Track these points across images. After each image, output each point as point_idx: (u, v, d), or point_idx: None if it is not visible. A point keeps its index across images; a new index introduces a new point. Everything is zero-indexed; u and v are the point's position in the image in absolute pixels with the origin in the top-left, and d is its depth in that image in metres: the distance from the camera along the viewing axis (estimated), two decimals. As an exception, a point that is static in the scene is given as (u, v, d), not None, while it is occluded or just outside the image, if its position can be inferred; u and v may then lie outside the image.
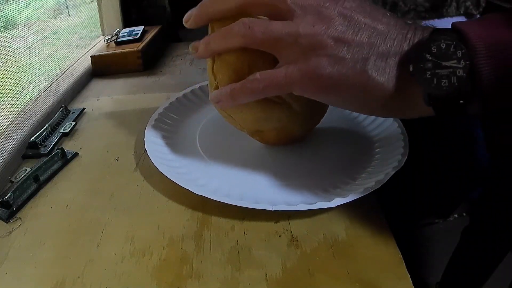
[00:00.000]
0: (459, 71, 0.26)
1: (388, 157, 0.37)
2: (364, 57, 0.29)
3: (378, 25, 0.29)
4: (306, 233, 0.31)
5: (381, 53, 0.28)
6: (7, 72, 0.51)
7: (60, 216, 0.35)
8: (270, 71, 0.31)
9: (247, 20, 0.31)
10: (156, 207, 0.35)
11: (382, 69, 0.28)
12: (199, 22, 0.35)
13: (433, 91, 0.27)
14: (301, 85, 0.31)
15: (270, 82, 0.31)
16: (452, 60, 0.26)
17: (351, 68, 0.29)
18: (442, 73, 0.27)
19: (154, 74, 0.66)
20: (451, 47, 0.26)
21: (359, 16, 0.29)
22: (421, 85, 0.27)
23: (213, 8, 0.34)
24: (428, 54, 0.27)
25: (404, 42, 0.28)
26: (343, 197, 0.32)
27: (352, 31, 0.29)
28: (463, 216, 0.43)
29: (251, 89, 0.32)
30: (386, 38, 0.29)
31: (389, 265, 0.28)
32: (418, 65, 0.27)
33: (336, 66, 0.29)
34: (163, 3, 0.85)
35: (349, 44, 0.29)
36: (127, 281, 0.28)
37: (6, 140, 0.44)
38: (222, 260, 0.29)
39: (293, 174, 0.38)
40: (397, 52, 0.28)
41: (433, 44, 0.27)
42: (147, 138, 0.42)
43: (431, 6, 0.50)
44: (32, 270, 0.30)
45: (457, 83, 0.26)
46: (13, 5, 0.53)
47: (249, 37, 0.31)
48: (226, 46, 0.33)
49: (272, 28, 0.30)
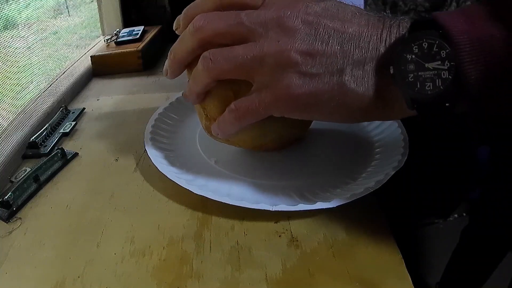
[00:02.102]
0: (443, 73, 0.24)
1: (388, 157, 0.37)
2: (339, 68, 0.27)
3: (349, 28, 0.27)
4: (306, 233, 0.31)
5: (357, 60, 0.26)
6: (7, 72, 0.51)
7: (60, 216, 0.35)
8: (244, 100, 0.30)
9: (207, 54, 0.30)
10: (156, 207, 0.35)
11: (361, 78, 0.27)
12: (176, 71, 0.34)
13: (416, 96, 0.25)
14: (278, 108, 0.29)
15: (246, 111, 0.30)
16: (435, 61, 0.24)
17: (327, 83, 0.27)
18: (426, 76, 0.25)
19: (154, 74, 0.66)
20: (434, 46, 0.24)
21: (326, 21, 0.27)
22: (403, 89, 0.25)
23: (179, 53, 0.32)
24: (410, 55, 0.25)
25: (380, 44, 0.26)
26: (343, 197, 0.32)
27: (321, 41, 0.27)
28: (463, 216, 0.43)
29: (231, 120, 0.31)
30: (360, 42, 0.27)
31: (389, 265, 0.28)
32: (399, 67, 0.25)
33: (311, 83, 0.27)
34: (163, 3, 0.85)
35: (320, 56, 0.27)
36: (127, 281, 0.28)
37: (6, 140, 0.44)
38: (222, 260, 0.29)
39: (293, 174, 0.38)
40: (374, 56, 0.26)
41: (414, 43, 0.25)
42: (147, 138, 0.42)
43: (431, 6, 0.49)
44: (32, 270, 0.30)
45: (442, 86, 0.24)
46: (13, 5, 0.53)
47: (215, 70, 0.30)
48: (202, 87, 0.32)
49: (234, 54, 0.29)
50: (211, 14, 0.30)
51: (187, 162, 0.40)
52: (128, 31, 0.73)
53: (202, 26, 0.29)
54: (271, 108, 0.29)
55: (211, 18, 0.29)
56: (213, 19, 0.29)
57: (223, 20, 0.29)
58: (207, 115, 0.35)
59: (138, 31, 0.72)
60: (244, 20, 0.28)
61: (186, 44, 0.31)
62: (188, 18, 0.32)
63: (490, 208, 0.42)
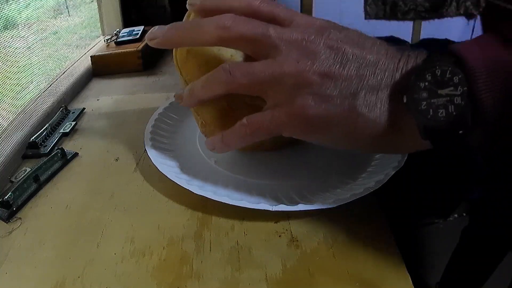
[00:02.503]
0: (456, 99, 0.24)
1: (388, 157, 0.37)
2: (352, 92, 0.27)
3: (367, 55, 0.27)
4: (306, 233, 0.31)
5: (371, 86, 0.26)
6: (7, 72, 0.51)
7: (60, 216, 0.35)
8: (257, 116, 0.30)
9: (227, 66, 0.29)
10: (156, 207, 0.35)
11: (373, 104, 0.26)
12: (167, 45, 0.32)
13: (430, 123, 0.25)
14: (289, 127, 0.29)
15: (257, 127, 0.30)
16: (448, 88, 0.24)
17: (339, 105, 0.27)
18: (439, 103, 0.24)
19: (154, 74, 0.66)
20: (447, 73, 0.24)
21: (347, 46, 0.27)
22: (416, 117, 0.25)
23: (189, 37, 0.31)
24: (423, 83, 0.25)
25: (396, 72, 0.26)
26: (343, 197, 0.32)
27: (340, 64, 0.27)
28: (463, 216, 0.43)
29: (240, 135, 0.31)
30: (376, 69, 0.27)
31: (389, 265, 0.28)
32: (412, 96, 0.25)
33: (323, 104, 0.27)
34: (163, 3, 0.85)
35: (336, 79, 0.27)
36: (127, 281, 0.28)
37: (6, 140, 0.44)
38: (222, 260, 0.29)
39: (293, 174, 0.38)
40: (388, 84, 0.26)
41: (427, 71, 0.25)
42: (147, 138, 0.42)
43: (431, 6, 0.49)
44: (32, 270, 0.30)
45: (455, 112, 0.24)
46: (13, 5, 0.53)
47: (232, 84, 0.29)
48: (210, 94, 0.31)
49: (254, 70, 0.29)
50: (241, 18, 0.29)
51: (187, 162, 0.40)
52: (128, 31, 0.73)
53: (229, 27, 0.29)
54: (283, 126, 0.29)
55: (240, 21, 0.29)
56: (241, 22, 0.29)
57: (251, 27, 0.29)
58: (203, 121, 0.35)
59: (138, 31, 0.72)
60: (271, 33, 0.28)
61: (202, 33, 0.30)
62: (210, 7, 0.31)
63: (490, 208, 0.42)
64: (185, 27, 0.32)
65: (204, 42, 0.31)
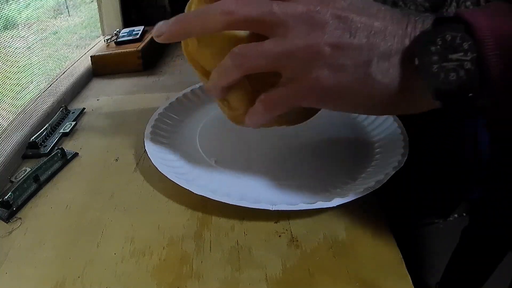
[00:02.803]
0: (466, 64, 0.25)
1: (388, 157, 0.37)
2: (365, 60, 0.28)
3: (375, 22, 0.28)
4: (306, 233, 0.31)
5: (383, 53, 0.27)
6: (7, 72, 0.51)
7: (60, 216, 0.35)
8: (275, 91, 0.31)
9: (237, 50, 0.30)
10: (156, 207, 0.35)
11: (386, 70, 0.27)
12: (176, 39, 0.32)
13: (441, 86, 0.26)
14: (306, 99, 0.30)
15: (276, 102, 0.31)
16: (458, 53, 0.25)
17: (354, 74, 0.28)
18: (449, 66, 0.25)
19: (154, 74, 0.66)
20: (457, 38, 0.25)
21: (354, 15, 0.28)
22: (428, 80, 0.26)
23: (194, 27, 0.31)
24: (433, 47, 0.26)
25: (405, 38, 0.27)
26: (343, 197, 0.32)
27: (349, 33, 0.28)
28: (463, 216, 0.43)
29: (262, 111, 0.32)
30: (386, 36, 0.28)
31: (389, 265, 0.28)
32: (423, 59, 0.26)
33: (338, 74, 0.28)
34: (163, 3, 0.85)
35: (348, 49, 0.28)
36: (127, 281, 0.28)
37: (6, 140, 0.44)
38: (222, 260, 0.29)
39: (293, 174, 0.38)
40: (399, 49, 0.27)
41: (437, 36, 0.26)
42: (147, 138, 0.42)
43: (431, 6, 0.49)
44: (32, 270, 0.30)
45: (465, 76, 0.25)
46: (13, 5, 0.53)
47: (245, 66, 0.30)
48: (228, 81, 0.32)
49: (265, 49, 0.29)
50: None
51: (187, 162, 0.40)
52: (128, 31, 0.73)
53: (234, 10, 0.29)
54: (300, 99, 0.30)
55: (243, 3, 0.29)
56: (245, 4, 0.29)
57: (255, 7, 0.29)
58: (229, 106, 0.35)
59: (138, 31, 0.72)
60: (276, 10, 0.29)
61: (208, 21, 0.30)
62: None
63: (490, 208, 0.42)
64: (190, 17, 0.32)
65: (212, 29, 0.31)
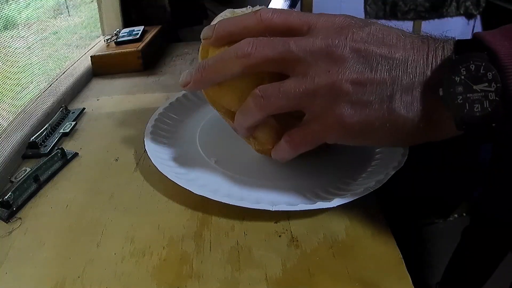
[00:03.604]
0: (491, 95, 0.25)
1: (388, 157, 0.37)
2: (389, 94, 0.27)
3: (396, 53, 0.27)
4: (306, 233, 0.31)
5: (405, 86, 0.27)
6: (7, 72, 0.51)
7: (60, 216, 0.35)
8: (298, 130, 0.31)
9: (257, 91, 0.30)
10: (156, 207, 0.35)
11: (410, 104, 0.27)
12: (200, 87, 0.34)
13: (466, 117, 0.25)
14: (330, 137, 0.30)
15: (300, 141, 0.31)
16: (483, 83, 0.25)
17: (378, 110, 0.27)
18: (474, 97, 0.25)
19: (154, 74, 0.66)
20: (481, 68, 0.25)
21: (374, 47, 0.27)
22: (453, 111, 0.26)
23: (215, 74, 0.32)
24: (458, 77, 0.25)
25: (427, 68, 0.27)
26: (343, 197, 0.32)
27: (370, 68, 0.27)
28: (463, 216, 0.43)
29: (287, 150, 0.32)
30: (408, 68, 0.27)
31: (389, 265, 0.28)
32: (448, 90, 0.26)
33: (362, 111, 0.28)
34: (163, 3, 0.85)
35: (370, 84, 0.27)
36: (127, 281, 0.28)
37: (6, 140, 0.44)
38: (222, 260, 0.29)
39: (293, 174, 0.38)
40: (421, 81, 0.27)
41: (461, 65, 0.25)
42: (147, 138, 0.42)
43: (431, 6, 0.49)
44: (32, 270, 0.30)
45: (490, 107, 0.25)
46: (13, 5, 0.53)
47: (268, 107, 0.30)
48: (252, 121, 0.32)
49: (286, 89, 0.29)
50: (259, 40, 0.29)
51: (187, 162, 0.40)
52: (128, 31, 0.73)
53: (250, 53, 0.29)
54: (324, 137, 0.30)
55: (259, 44, 0.29)
56: (261, 45, 0.29)
57: (271, 47, 0.29)
58: (257, 141, 0.35)
59: (138, 31, 0.72)
60: (293, 48, 0.28)
61: (227, 67, 0.31)
62: (224, 34, 0.32)
63: (491, 208, 0.42)
64: (209, 65, 0.32)
65: (231, 74, 0.31)
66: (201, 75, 0.32)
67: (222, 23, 0.32)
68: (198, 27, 0.42)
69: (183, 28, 0.90)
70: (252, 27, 0.30)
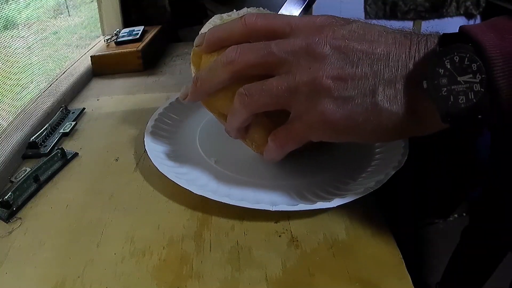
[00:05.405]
0: (475, 86, 0.25)
1: (388, 157, 0.37)
2: (371, 89, 0.27)
3: (377, 48, 0.27)
4: (306, 233, 0.31)
5: (388, 80, 0.27)
6: (7, 72, 0.51)
7: (60, 216, 0.35)
8: (283, 129, 0.31)
9: (242, 90, 0.30)
10: (156, 207, 0.35)
11: (393, 97, 0.27)
12: (198, 98, 0.35)
13: (451, 109, 0.25)
14: (315, 134, 0.30)
15: (286, 139, 0.31)
16: (467, 75, 0.25)
17: (360, 105, 0.27)
18: (459, 89, 0.25)
19: (154, 74, 0.66)
20: (465, 60, 0.25)
21: (354, 43, 0.27)
22: (437, 103, 0.26)
23: (208, 84, 0.33)
24: (442, 69, 0.25)
25: (410, 61, 0.27)
26: (343, 197, 0.32)
27: (351, 64, 0.27)
28: (463, 216, 0.43)
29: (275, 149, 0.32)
30: (390, 62, 0.27)
31: (389, 265, 0.28)
32: (432, 82, 0.25)
33: (344, 106, 0.28)
34: (163, 3, 0.85)
35: (352, 80, 0.27)
36: (127, 281, 0.28)
37: (6, 140, 0.44)
38: (222, 260, 0.29)
39: (293, 174, 0.38)
40: (404, 74, 0.27)
41: (445, 57, 0.25)
42: (147, 138, 0.42)
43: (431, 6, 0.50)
44: (32, 270, 0.30)
45: (475, 99, 0.25)
46: (13, 5, 0.53)
47: (252, 105, 0.30)
48: (240, 120, 0.32)
49: (268, 87, 0.29)
50: (242, 46, 0.30)
51: (187, 162, 0.40)
52: (128, 31, 0.73)
53: (234, 59, 0.30)
54: (309, 134, 0.30)
55: (242, 50, 0.30)
56: (244, 51, 0.30)
57: (254, 52, 0.30)
58: (253, 144, 0.35)
59: (138, 31, 0.72)
60: (274, 50, 0.29)
61: (216, 75, 0.32)
62: (214, 41, 0.33)
63: (490, 208, 0.42)
64: (201, 77, 0.33)
65: (222, 82, 0.32)
66: (198, 87, 0.33)
67: (211, 31, 0.33)
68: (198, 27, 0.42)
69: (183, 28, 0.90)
70: (238, 32, 0.32)
